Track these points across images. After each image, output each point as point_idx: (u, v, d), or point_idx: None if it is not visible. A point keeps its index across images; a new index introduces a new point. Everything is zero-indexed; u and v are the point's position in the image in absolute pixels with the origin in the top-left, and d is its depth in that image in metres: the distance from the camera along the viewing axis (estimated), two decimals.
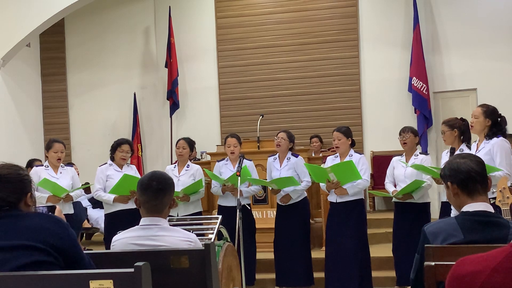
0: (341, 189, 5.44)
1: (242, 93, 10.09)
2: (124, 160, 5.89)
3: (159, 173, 2.81)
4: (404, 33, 9.48)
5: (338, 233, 5.47)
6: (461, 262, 1.44)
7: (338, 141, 5.57)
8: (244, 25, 10.11)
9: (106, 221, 5.93)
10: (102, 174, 5.85)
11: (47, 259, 2.18)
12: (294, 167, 5.83)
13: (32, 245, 2.18)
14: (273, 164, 5.95)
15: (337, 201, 5.51)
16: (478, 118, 4.70)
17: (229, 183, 5.74)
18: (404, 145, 5.63)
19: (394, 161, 5.76)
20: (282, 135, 5.90)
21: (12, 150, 8.62)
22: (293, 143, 5.95)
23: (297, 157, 5.91)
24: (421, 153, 5.69)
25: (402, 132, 5.64)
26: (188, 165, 5.97)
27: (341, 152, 5.61)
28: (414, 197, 5.43)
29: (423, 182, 5.35)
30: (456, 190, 2.37)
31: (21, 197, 2.35)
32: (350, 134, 5.64)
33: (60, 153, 5.86)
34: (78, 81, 10.29)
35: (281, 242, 5.83)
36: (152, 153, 10.21)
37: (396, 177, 5.66)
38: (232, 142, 5.94)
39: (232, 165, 5.94)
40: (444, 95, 9.45)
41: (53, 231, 2.25)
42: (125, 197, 5.68)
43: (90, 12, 10.05)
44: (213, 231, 4.22)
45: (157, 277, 2.28)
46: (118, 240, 2.75)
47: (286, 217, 5.83)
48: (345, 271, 5.41)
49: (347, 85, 9.76)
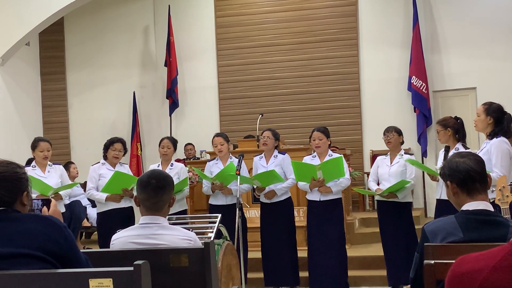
0: (325, 187, 5.47)
1: (242, 92, 10.09)
2: (116, 159, 5.85)
3: (158, 171, 2.81)
4: (404, 32, 9.48)
5: (321, 233, 5.51)
6: (460, 260, 1.44)
7: (319, 141, 5.62)
8: (244, 24, 10.11)
9: (98, 220, 5.92)
10: (94, 173, 5.82)
11: (45, 266, 2.14)
12: (281, 164, 5.83)
13: (29, 253, 2.12)
14: (259, 162, 5.94)
15: (320, 200, 5.55)
16: (480, 116, 4.69)
17: (217, 182, 5.74)
18: (388, 144, 5.69)
19: (379, 160, 5.83)
20: (267, 134, 5.91)
21: (11, 149, 8.61)
22: (278, 141, 5.97)
23: (284, 154, 5.92)
24: (406, 153, 5.74)
25: (386, 132, 5.71)
26: (172, 163, 5.96)
27: (321, 152, 5.65)
28: (399, 197, 5.51)
29: (408, 182, 5.44)
30: (456, 189, 2.38)
31: (16, 196, 2.27)
32: (329, 134, 5.72)
33: (46, 151, 5.78)
34: (78, 80, 10.29)
35: (266, 242, 5.82)
36: (151, 152, 10.19)
37: (380, 176, 5.73)
38: (218, 141, 5.94)
39: (222, 163, 5.93)
40: (443, 94, 9.45)
41: (50, 236, 2.18)
42: (117, 196, 5.66)
43: (89, 11, 10.04)
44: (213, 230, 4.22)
45: (157, 275, 2.28)
46: (118, 239, 2.75)
47: (270, 216, 5.81)
48: (328, 270, 5.46)
49: (346, 84, 9.77)
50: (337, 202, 5.60)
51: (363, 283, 6.16)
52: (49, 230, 2.20)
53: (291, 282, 5.78)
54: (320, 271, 5.51)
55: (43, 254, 2.14)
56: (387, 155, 5.76)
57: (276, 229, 5.76)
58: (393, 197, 5.51)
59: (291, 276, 5.75)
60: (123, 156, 5.99)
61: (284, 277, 5.75)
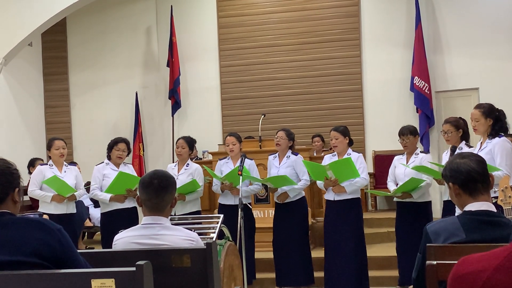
0: (339, 187, 5.44)
1: (244, 92, 10.09)
2: (120, 159, 5.85)
3: (160, 172, 2.81)
4: (406, 32, 9.47)
5: (336, 232, 5.48)
6: (463, 261, 1.44)
7: (335, 141, 5.59)
8: (246, 24, 10.11)
9: (102, 220, 5.92)
10: (98, 173, 5.83)
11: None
12: (293, 165, 5.84)
13: (22, 260, 2.09)
14: (273, 162, 5.96)
15: (334, 199, 5.52)
16: (479, 120, 4.68)
17: (227, 181, 5.75)
18: (405, 148, 5.61)
19: (396, 160, 5.75)
20: (281, 134, 5.92)
21: (14, 149, 8.63)
22: (292, 141, 5.96)
23: (297, 155, 5.92)
24: (422, 152, 5.66)
25: (402, 135, 5.60)
26: (188, 164, 5.96)
27: (339, 151, 5.63)
28: (414, 196, 5.41)
29: (421, 181, 5.32)
30: (458, 191, 2.37)
31: (8, 191, 2.21)
32: (347, 133, 5.65)
33: (62, 149, 5.83)
34: (80, 80, 10.30)
35: (279, 242, 5.83)
36: (153, 153, 10.21)
37: (396, 176, 5.65)
38: (230, 141, 5.98)
39: (232, 163, 5.96)
40: (446, 94, 9.44)
41: (43, 240, 2.13)
42: (121, 197, 5.66)
43: (92, 11, 10.05)
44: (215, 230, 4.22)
45: (159, 276, 2.28)
46: (120, 239, 2.75)
47: (284, 216, 5.83)
48: (344, 271, 5.41)
49: (349, 85, 9.76)
50: (353, 202, 5.51)
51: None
52: (42, 234, 2.15)
53: (303, 282, 5.77)
54: (335, 271, 5.47)
55: (38, 260, 2.11)
56: (403, 155, 5.67)
57: (290, 229, 5.76)
58: (408, 197, 5.40)
59: (304, 276, 5.75)
60: (127, 156, 6.00)
61: (296, 277, 5.75)
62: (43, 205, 5.76)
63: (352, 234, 5.45)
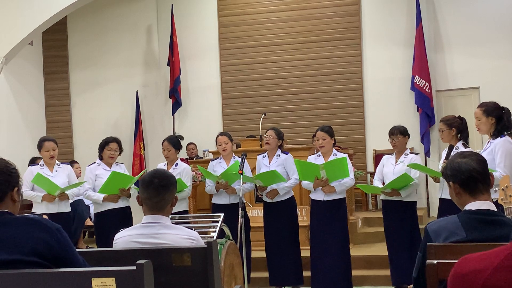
0: (329, 187, 5.46)
1: (245, 91, 10.09)
2: (112, 159, 5.82)
3: (161, 171, 2.82)
4: (407, 31, 9.47)
5: (325, 232, 5.49)
6: (463, 260, 1.44)
7: (323, 141, 5.60)
8: (247, 23, 10.10)
9: (96, 220, 5.90)
10: (90, 173, 5.79)
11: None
12: (284, 163, 5.82)
13: (20, 259, 2.09)
14: (262, 161, 5.94)
15: (324, 200, 5.53)
16: (481, 119, 4.65)
17: (222, 180, 5.74)
18: (394, 147, 5.67)
19: (384, 159, 5.81)
20: (270, 133, 5.90)
21: (14, 148, 8.64)
22: (282, 140, 5.95)
23: (287, 154, 5.91)
24: (411, 153, 5.71)
25: (391, 135, 5.66)
26: (177, 163, 5.95)
27: (325, 152, 5.63)
28: (402, 195, 5.46)
29: (411, 179, 5.38)
30: (458, 190, 2.37)
31: (7, 190, 2.22)
32: (333, 134, 5.70)
33: (52, 150, 5.79)
34: (81, 79, 10.30)
35: (270, 241, 5.82)
36: (154, 152, 10.20)
37: (385, 175, 5.71)
38: (223, 140, 5.96)
39: (225, 163, 5.94)
40: (446, 93, 9.44)
41: (41, 239, 2.14)
42: (115, 196, 5.64)
43: (92, 10, 10.06)
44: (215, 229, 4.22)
45: (159, 275, 2.28)
46: (121, 238, 2.75)
47: (273, 215, 5.81)
48: (331, 270, 5.44)
49: (349, 84, 9.76)
50: (341, 202, 5.58)
51: (366, 283, 6.15)
52: (40, 233, 2.16)
53: (294, 282, 5.78)
54: (322, 271, 5.50)
55: (37, 259, 2.11)
56: (393, 154, 5.74)
57: (279, 229, 5.76)
58: (396, 195, 5.46)
59: (294, 275, 5.75)
60: (118, 156, 5.96)
61: (287, 276, 5.75)
62: (35, 205, 5.75)
63: (341, 233, 5.50)
